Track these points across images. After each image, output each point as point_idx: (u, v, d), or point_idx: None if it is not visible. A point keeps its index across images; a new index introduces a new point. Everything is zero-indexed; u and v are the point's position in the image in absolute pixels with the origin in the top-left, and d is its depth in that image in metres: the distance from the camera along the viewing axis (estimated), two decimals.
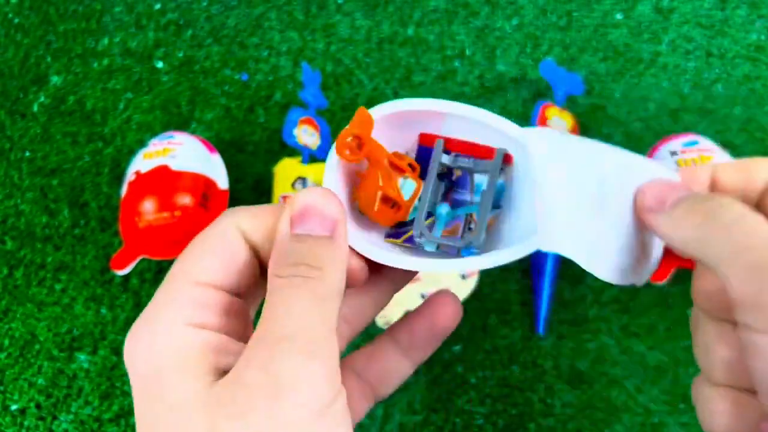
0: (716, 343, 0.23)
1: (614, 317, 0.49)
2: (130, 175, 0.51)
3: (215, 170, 0.53)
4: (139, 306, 0.52)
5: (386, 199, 0.27)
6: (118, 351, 0.51)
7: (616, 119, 0.57)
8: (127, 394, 0.49)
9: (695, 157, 0.48)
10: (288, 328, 0.19)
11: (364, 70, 0.61)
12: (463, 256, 0.26)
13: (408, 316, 0.28)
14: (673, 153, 0.49)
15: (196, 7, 0.65)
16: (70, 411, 0.49)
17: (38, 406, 0.49)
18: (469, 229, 0.27)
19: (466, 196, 0.27)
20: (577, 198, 0.24)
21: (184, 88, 0.61)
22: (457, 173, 0.27)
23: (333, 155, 0.25)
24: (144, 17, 0.65)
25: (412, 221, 0.27)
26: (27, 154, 0.59)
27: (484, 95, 0.59)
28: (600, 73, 0.59)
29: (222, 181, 0.53)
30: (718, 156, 0.48)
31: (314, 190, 0.22)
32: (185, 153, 0.52)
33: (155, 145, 0.52)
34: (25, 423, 0.49)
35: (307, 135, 0.53)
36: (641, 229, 0.24)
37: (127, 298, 0.52)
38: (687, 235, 0.21)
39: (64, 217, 0.56)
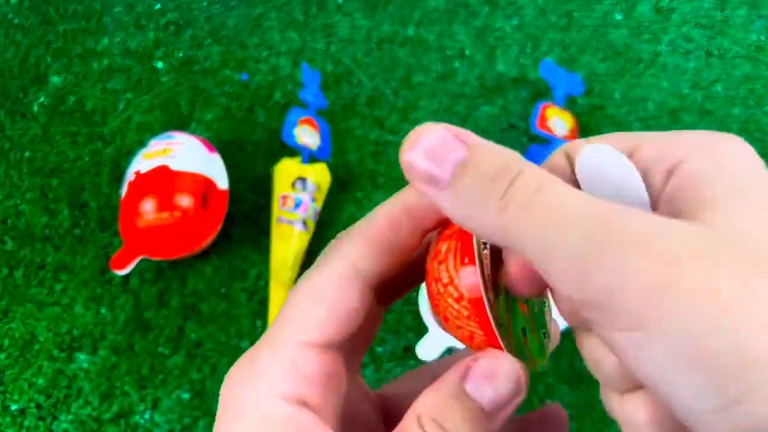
0: (602, 351, 0.19)
1: None
2: (130, 175, 0.51)
3: (215, 170, 0.53)
4: (138, 306, 0.52)
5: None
6: (117, 351, 0.51)
7: (616, 119, 0.57)
8: (126, 394, 0.49)
9: None
10: None
11: (364, 70, 0.61)
12: None
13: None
14: None
15: (196, 7, 0.65)
16: (70, 411, 0.49)
17: (38, 407, 0.49)
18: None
19: None
20: None
21: (183, 88, 0.61)
22: None
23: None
24: (144, 17, 0.65)
25: None
26: (27, 154, 0.59)
27: (484, 95, 0.59)
28: (600, 73, 0.59)
29: (222, 181, 0.53)
30: None
31: None
32: (185, 153, 0.52)
33: (155, 145, 0.52)
34: (25, 423, 0.49)
35: (306, 135, 0.53)
36: None
37: (127, 298, 0.52)
38: (484, 223, 0.16)
39: (63, 217, 0.56)
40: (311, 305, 0.20)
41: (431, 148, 0.17)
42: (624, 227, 0.15)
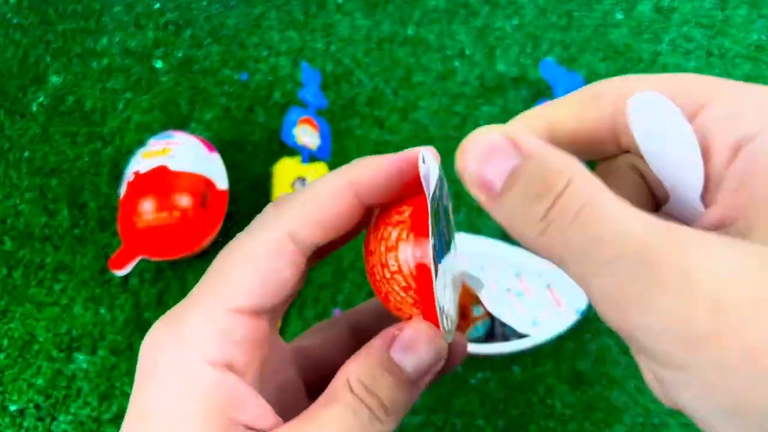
0: None
1: None
2: (129, 175, 0.51)
3: (214, 170, 0.52)
4: (138, 306, 0.52)
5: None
6: (117, 351, 0.51)
7: None
8: (126, 395, 0.49)
9: None
10: None
11: (364, 69, 0.61)
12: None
13: None
14: None
15: (196, 6, 0.65)
16: (69, 412, 0.49)
17: (37, 407, 0.49)
18: None
19: None
20: None
21: (183, 87, 0.61)
22: None
23: None
24: (143, 17, 0.65)
25: None
26: (26, 154, 0.59)
27: (484, 95, 0.59)
28: (600, 72, 0.59)
29: (221, 181, 0.52)
30: None
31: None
32: (184, 153, 0.51)
33: (154, 144, 0.52)
34: (24, 424, 0.49)
35: (306, 135, 0.53)
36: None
37: (127, 298, 0.52)
38: (526, 240, 0.16)
39: (63, 217, 0.56)
40: (245, 271, 0.20)
41: (486, 154, 0.16)
42: (668, 261, 0.14)
